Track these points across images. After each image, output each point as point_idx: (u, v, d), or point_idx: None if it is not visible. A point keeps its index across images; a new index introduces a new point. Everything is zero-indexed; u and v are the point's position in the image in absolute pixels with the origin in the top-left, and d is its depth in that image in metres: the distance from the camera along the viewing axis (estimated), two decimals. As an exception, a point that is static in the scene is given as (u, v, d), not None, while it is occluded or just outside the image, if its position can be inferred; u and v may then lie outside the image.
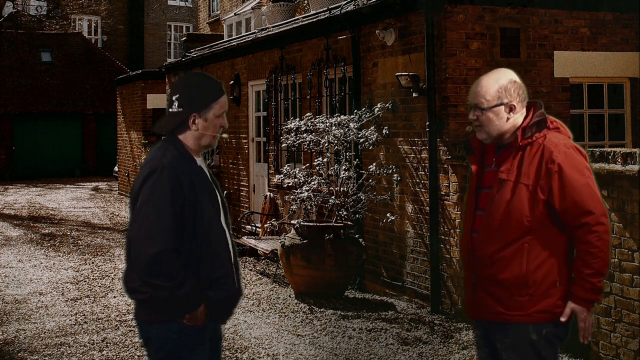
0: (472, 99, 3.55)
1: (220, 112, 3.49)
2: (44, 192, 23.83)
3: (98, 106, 31.64)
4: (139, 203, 3.35)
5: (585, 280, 3.36)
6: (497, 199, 3.45)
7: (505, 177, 3.45)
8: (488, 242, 3.45)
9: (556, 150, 3.39)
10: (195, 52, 15.76)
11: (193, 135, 3.47)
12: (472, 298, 3.57)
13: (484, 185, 3.56)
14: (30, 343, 6.96)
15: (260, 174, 12.89)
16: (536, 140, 3.45)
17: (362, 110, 9.04)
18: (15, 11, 28.02)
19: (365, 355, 6.56)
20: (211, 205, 3.45)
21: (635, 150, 5.62)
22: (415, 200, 8.53)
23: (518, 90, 3.52)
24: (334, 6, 10.06)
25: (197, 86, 3.51)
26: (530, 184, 3.39)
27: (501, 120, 3.50)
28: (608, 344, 5.85)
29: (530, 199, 3.39)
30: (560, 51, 8.51)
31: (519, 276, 3.39)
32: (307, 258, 8.51)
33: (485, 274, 3.47)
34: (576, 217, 3.36)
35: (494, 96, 3.49)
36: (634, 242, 5.57)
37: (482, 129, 3.53)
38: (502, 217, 3.42)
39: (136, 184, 3.42)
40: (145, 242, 3.27)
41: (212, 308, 3.44)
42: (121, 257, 11.53)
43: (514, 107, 3.50)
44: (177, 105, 3.46)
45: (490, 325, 3.53)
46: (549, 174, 3.37)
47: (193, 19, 37.33)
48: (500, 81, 3.52)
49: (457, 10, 8.04)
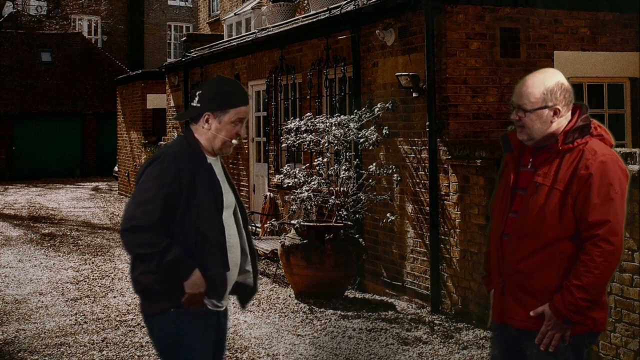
0: (516, 99, 3.43)
1: (235, 119, 3.56)
2: (44, 192, 23.84)
3: (98, 106, 31.64)
4: (138, 185, 3.51)
5: (569, 291, 3.22)
6: (531, 202, 3.34)
7: (542, 181, 3.33)
8: (519, 246, 3.35)
9: (593, 158, 3.27)
10: (195, 52, 15.76)
11: (206, 134, 3.57)
12: (500, 302, 3.47)
13: (519, 187, 3.45)
14: (30, 343, 6.96)
15: (260, 174, 12.89)
16: (577, 146, 3.34)
17: (362, 110, 9.04)
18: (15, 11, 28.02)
19: (365, 355, 6.56)
20: (213, 202, 3.49)
21: (635, 150, 5.62)
22: (415, 200, 8.53)
23: (564, 94, 3.40)
24: (334, 6, 10.06)
25: (221, 89, 3.61)
26: (563, 190, 3.29)
27: (545, 123, 3.38)
28: (608, 344, 5.85)
29: (561, 205, 3.28)
30: (560, 51, 8.51)
31: (549, 285, 3.30)
32: (307, 258, 8.51)
33: (514, 279, 3.38)
34: (588, 228, 3.24)
35: (539, 98, 3.37)
36: (634, 242, 5.57)
37: (524, 130, 3.41)
38: (534, 222, 3.31)
39: (141, 168, 3.58)
40: (131, 215, 3.40)
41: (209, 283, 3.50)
42: (121, 257, 11.52)
43: (558, 111, 3.38)
44: (197, 100, 3.58)
45: (519, 333, 3.43)
46: (580, 181, 3.26)
47: (193, 19, 37.33)
48: (547, 83, 3.40)
49: (457, 10, 8.04)
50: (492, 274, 3.58)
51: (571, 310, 3.23)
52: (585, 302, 3.22)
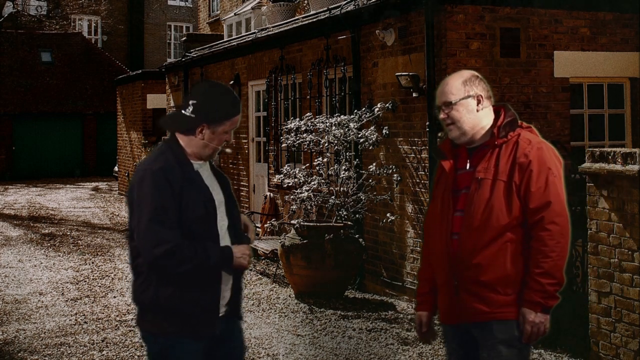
0: (440, 99, 3.58)
1: (230, 128, 3.51)
2: (44, 192, 23.84)
3: (98, 106, 31.65)
4: (136, 212, 3.39)
5: (534, 281, 3.32)
6: (476, 198, 3.44)
7: (483, 175, 3.45)
8: (469, 242, 3.43)
9: (529, 147, 3.43)
10: (195, 52, 15.76)
11: (196, 143, 3.48)
12: (453, 302, 3.51)
13: (460, 187, 3.54)
14: (30, 343, 6.96)
15: (260, 174, 12.89)
16: (511, 138, 3.49)
17: (362, 110, 9.04)
18: (15, 11, 28.00)
19: (365, 355, 6.56)
20: (204, 209, 3.43)
21: (635, 150, 5.61)
22: (415, 200, 8.53)
23: (482, 84, 3.57)
24: (334, 6, 10.06)
25: (217, 99, 3.50)
26: (506, 180, 3.41)
27: (471, 112, 3.52)
28: (608, 344, 5.85)
29: (507, 195, 3.40)
30: (560, 51, 8.51)
31: (503, 276, 3.38)
32: (307, 258, 8.51)
33: (467, 276, 3.43)
34: (533, 212, 3.37)
35: (460, 89, 3.53)
36: (634, 242, 5.57)
37: (454, 126, 3.55)
38: (481, 216, 3.41)
39: (130, 189, 3.46)
40: (155, 240, 3.31)
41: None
42: (121, 257, 11.53)
43: (481, 98, 3.53)
44: (191, 110, 3.46)
45: (473, 327, 3.48)
46: (521, 169, 3.40)
47: (193, 19, 37.33)
48: (464, 76, 3.58)
49: (457, 10, 8.04)
50: (439, 279, 3.59)
51: (544, 297, 3.33)
52: (553, 287, 3.34)
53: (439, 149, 3.70)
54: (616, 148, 6.38)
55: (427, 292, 3.69)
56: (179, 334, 3.42)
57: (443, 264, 3.54)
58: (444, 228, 3.54)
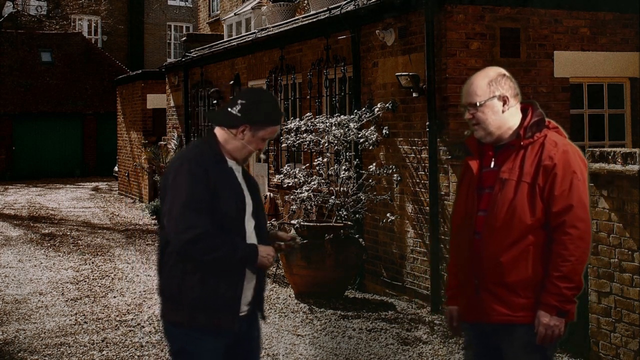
0: (465, 99, 3.55)
1: (268, 137, 3.60)
2: (44, 192, 23.84)
3: (98, 106, 31.64)
4: (169, 198, 3.45)
5: (552, 284, 3.33)
6: (499, 198, 3.43)
7: (507, 176, 3.44)
8: (491, 243, 3.42)
9: (555, 149, 3.41)
10: (195, 52, 15.76)
11: (235, 143, 3.57)
12: (473, 300, 3.52)
13: (485, 186, 3.53)
14: (30, 343, 6.96)
15: (260, 174, 12.89)
16: (537, 139, 3.46)
17: (362, 110, 9.04)
18: (15, 11, 27.98)
19: (365, 355, 6.56)
20: (235, 206, 3.51)
21: (635, 150, 5.62)
22: (415, 200, 8.53)
23: (509, 82, 3.53)
24: (334, 6, 10.06)
25: (264, 104, 3.60)
26: (530, 182, 3.39)
27: (497, 114, 3.49)
28: (608, 344, 5.85)
29: (530, 197, 3.39)
30: (560, 51, 8.51)
31: (525, 278, 3.38)
32: (307, 258, 8.51)
33: (489, 277, 3.43)
34: (555, 216, 3.36)
35: (485, 90, 3.50)
36: (634, 242, 5.57)
37: (479, 127, 3.52)
38: (504, 217, 3.40)
39: (165, 177, 3.55)
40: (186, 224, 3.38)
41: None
42: (121, 257, 11.53)
43: (507, 99, 3.50)
44: (238, 109, 3.56)
45: (494, 328, 3.48)
46: (545, 171, 3.38)
47: (193, 19, 37.32)
48: (490, 75, 3.53)
49: (457, 10, 8.04)
50: (461, 277, 3.60)
51: (560, 301, 3.32)
52: (571, 291, 3.34)
53: (465, 145, 3.67)
54: (616, 148, 6.38)
55: (457, 286, 3.68)
56: (201, 328, 3.48)
57: (465, 262, 3.55)
58: (467, 227, 3.54)
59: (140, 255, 11.83)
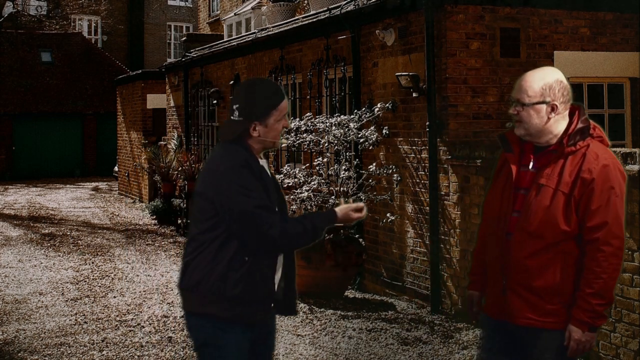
0: (515, 93, 3.48)
1: (281, 116, 3.63)
2: (44, 192, 23.84)
3: (98, 106, 31.65)
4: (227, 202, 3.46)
5: (584, 300, 3.31)
6: (534, 203, 3.39)
7: (545, 182, 3.39)
8: (521, 246, 3.40)
9: (595, 162, 3.34)
10: (195, 52, 15.76)
11: (255, 140, 3.61)
12: (499, 300, 3.51)
13: (520, 186, 3.48)
14: (30, 343, 6.97)
15: (260, 174, 12.87)
16: (579, 149, 3.40)
17: (362, 110, 9.04)
18: (15, 11, 28.00)
19: (365, 355, 6.56)
20: (275, 200, 3.60)
21: (635, 150, 5.62)
22: (415, 200, 8.53)
23: (563, 91, 3.45)
24: (334, 6, 10.05)
25: (256, 95, 3.61)
26: (567, 193, 3.34)
27: (542, 119, 3.43)
28: (608, 344, 5.85)
29: (565, 208, 3.34)
30: (560, 51, 8.51)
31: (552, 285, 3.36)
32: (307, 258, 8.50)
33: (518, 279, 3.42)
34: (589, 231, 3.31)
35: (537, 93, 3.43)
36: (634, 242, 5.57)
37: (521, 125, 3.46)
38: (538, 223, 3.36)
39: (208, 181, 3.55)
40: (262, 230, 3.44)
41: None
42: (121, 257, 11.53)
43: (556, 107, 3.43)
44: (237, 114, 3.59)
45: (518, 329, 3.47)
46: (583, 184, 3.33)
47: (193, 19, 37.33)
48: (546, 79, 3.46)
49: (457, 10, 8.04)
50: (489, 273, 3.59)
51: (592, 318, 3.31)
52: (602, 307, 3.32)
53: (505, 138, 3.60)
54: (616, 148, 6.38)
55: (480, 273, 3.68)
56: (233, 321, 3.51)
57: (494, 260, 3.53)
58: (500, 226, 3.50)
59: (140, 255, 11.83)
